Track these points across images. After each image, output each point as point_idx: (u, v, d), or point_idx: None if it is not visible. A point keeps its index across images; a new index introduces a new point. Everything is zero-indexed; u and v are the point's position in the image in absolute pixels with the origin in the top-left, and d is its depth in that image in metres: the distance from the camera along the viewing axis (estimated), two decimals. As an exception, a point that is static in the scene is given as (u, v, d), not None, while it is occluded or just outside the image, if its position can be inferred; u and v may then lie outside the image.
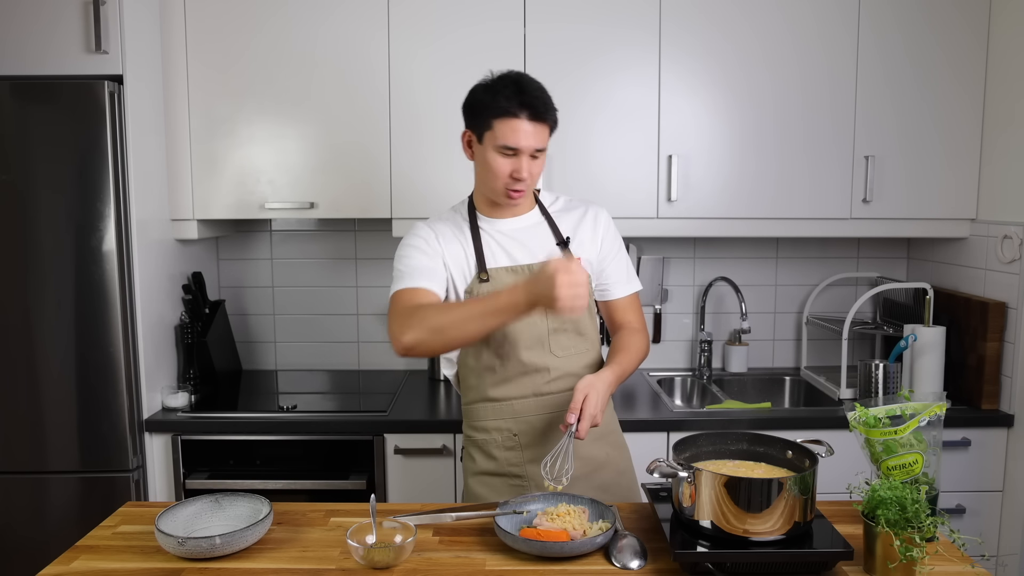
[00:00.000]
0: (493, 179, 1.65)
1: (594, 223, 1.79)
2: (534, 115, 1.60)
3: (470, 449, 1.79)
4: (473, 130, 1.67)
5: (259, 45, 2.40)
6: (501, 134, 1.60)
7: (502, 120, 1.60)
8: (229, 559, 1.38)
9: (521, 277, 1.67)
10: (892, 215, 2.49)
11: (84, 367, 2.18)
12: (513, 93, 1.60)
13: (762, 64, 2.43)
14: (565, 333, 1.72)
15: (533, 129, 1.61)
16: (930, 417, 1.48)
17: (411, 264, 1.66)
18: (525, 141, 1.60)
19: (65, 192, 2.14)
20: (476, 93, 1.66)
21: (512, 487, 1.73)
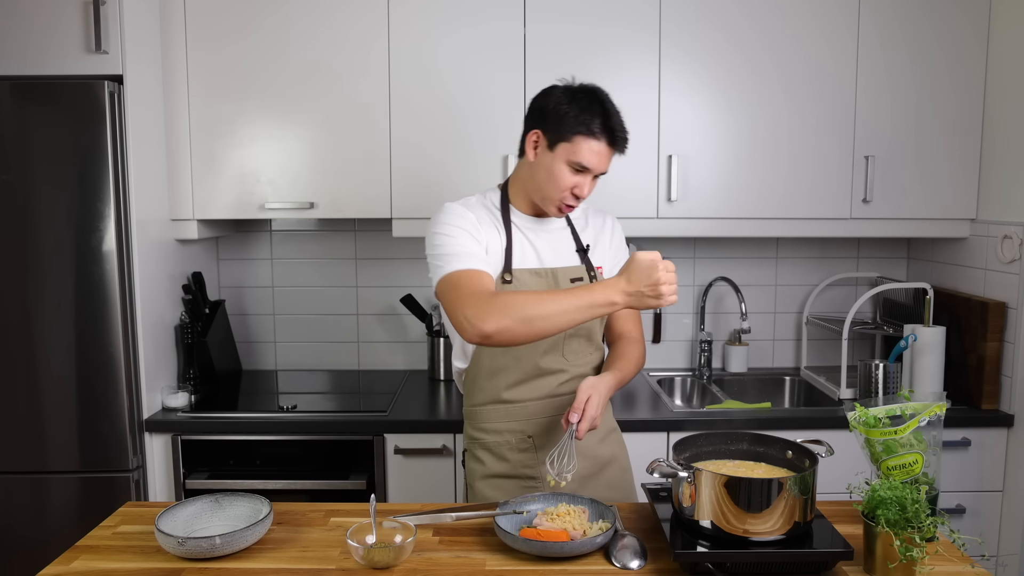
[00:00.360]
0: (552, 189, 1.63)
1: (611, 234, 1.83)
2: (614, 142, 1.61)
3: (476, 452, 1.77)
4: (546, 135, 1.62)
5: (259, 45, 2.40)
6: (579, 151, 1.59)
7: (585, 139, 1.59)
8: (229, 559, 1.38)
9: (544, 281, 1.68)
10: (892, 215, 2.49)
11: (84, 367, 2.18)
12: (600, 115, 1.59)
13: (762, 64, 2.43)
14: (578, 339, 1.73)
15: (607, 153, 1.62)
16: (930, 417, 1.48)
17: (463, 245, 1.59)
18: (599, 164, 1.61)
19: (65, 192, 2.14)
20: (559, 100, 1.61)
21: (525, 489, 1.72)
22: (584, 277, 1.72)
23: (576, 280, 1.71)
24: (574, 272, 1.72)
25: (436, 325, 2.75)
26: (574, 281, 1.71)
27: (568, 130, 1.59)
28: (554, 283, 1.69)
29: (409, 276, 2.85)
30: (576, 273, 1.72)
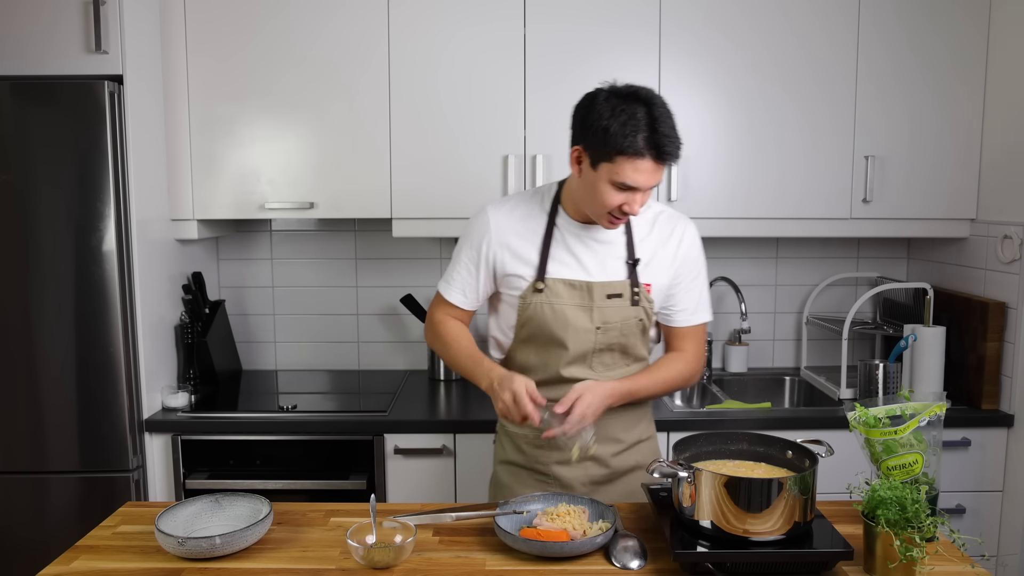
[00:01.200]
0: (598, 207, 1.55)
1: (676, 248, 1.69)
2: (660, 156, 1.48)
3: (502, 437, 1.82)
4: (588, 153, 1.52)
5: (259, 45, 2.40)
6: (622, 172, 1.48)
7: (628, 159, 1.47)
8: (229, 559, 1.38)
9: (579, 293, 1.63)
10: (892, 215, 2.49)
11: (84, 367, 2.18)
12: (645, 128, 1.46)
13: (762, 64, 2.43)
14: (611, 352, 1.69)
15: (656, 169, 1.50)
16: (930, 417, 1.48)
17: (457, 271, 1.73)
18: (646, 181, 1.50)
19: (65, 192, 2.14)
20: (600, 114, 1.48)
21: (538, 481, 1.74)
22: (624, 293, 1.64)
23: (614, 296, 1.63)
24: (614, 288, 1.64)
25: (436, 325, 2.75)
26: (611, 297, 1.63)
27: (610, 150, 1.47)
28: (589, 297, 1.63)
29: (409, 276, 2.85)
30: (616, 289, 1.64)
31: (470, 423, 2.27)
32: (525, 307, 1.66)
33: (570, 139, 1.59)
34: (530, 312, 1.66)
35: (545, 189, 1.73)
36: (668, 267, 1.69)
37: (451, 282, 1.73)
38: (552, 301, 1.64)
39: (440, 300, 1.75)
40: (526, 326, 1.68)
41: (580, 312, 1.64)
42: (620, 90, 1.51)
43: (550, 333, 1.65)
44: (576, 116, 1.57)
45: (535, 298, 1.65)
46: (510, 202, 1.72)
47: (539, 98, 2.42)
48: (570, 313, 1.64)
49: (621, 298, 1.65)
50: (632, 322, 1.66)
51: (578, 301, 1.64)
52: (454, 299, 1.73)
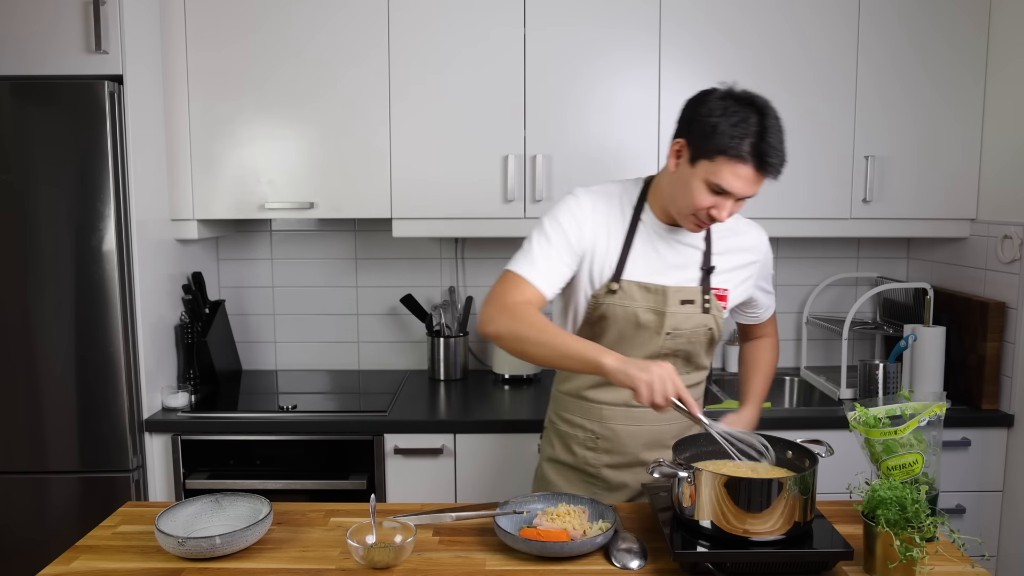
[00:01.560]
0: (686, 206, 1.51)
1: (754, 256, 1.71)
2: (762, 166, 1.44)
3: (551, 435, 1.79)
4: (690, 147, 1.49)
5: (259, 45, 2.40)
6: (720, 173, 1.45)
7: (729, 160, 1.43)
8: (229, 559, 1.38)
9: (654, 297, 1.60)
10: (892, 215, 2.49)
11: (84, 367, 2.18)
12: (754, 134, 1.42)
13: (762, 64, 2.43)
14: (675, 359, 1.67)
15: (755, 178, 1.46)
16: (930, 417, 1.48)
17: (546, 254, 1.58)
18: (743, 189, 1.46)
19: (65, 192, 2.14)
20: (711, 109, 1.45)
21: (586, 483, 1.73)
22: (696, 300, 1.62)
23: (687, 302, 1.61)
24: (687, 293, 1.62)
25: (436, 325, 2.75)
26: (684, 303, 1.61)
27: (712, 148, 1.44)
28: (663, 301, 1.60)
29: (409, 276, 2.85)
30: (689, 295, 1.62)
31: (470, 423, 2.27)
32: (597, 305, 1.62)
33: (673, 132, 1.55)
34: (601, 311, 1.62)
35: (630, 184, 1.67)
36: (740, 277, 1.70)
37: (535, 265, 1.57)
38: (626, 303, 1.61)
39: (517, 284, 1.56)
40: (596, 324, 1.65)
41: (652, 316, 1.61)
42: (736, 93, 1.48)
43: (619, 332, 1.63)
44: (685, 110, 1.53)
45: (608, 299, 1.61)
46: (599, 193, 1.64)
47: (539, 98, 2.42)
48: (642, 316, 1.61)
49: (693, 304, 1.62)
50: (701, 330, 1.64)
51: (651, 304, 1.61)
52: (539, 284, 1.56)
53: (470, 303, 2.82)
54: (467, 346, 2.79)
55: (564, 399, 1.76)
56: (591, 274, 1.63)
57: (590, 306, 1.64)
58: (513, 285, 1.56)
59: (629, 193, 1.65)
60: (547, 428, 1.83)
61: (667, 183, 1.58)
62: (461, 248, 2.86)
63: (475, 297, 2.86)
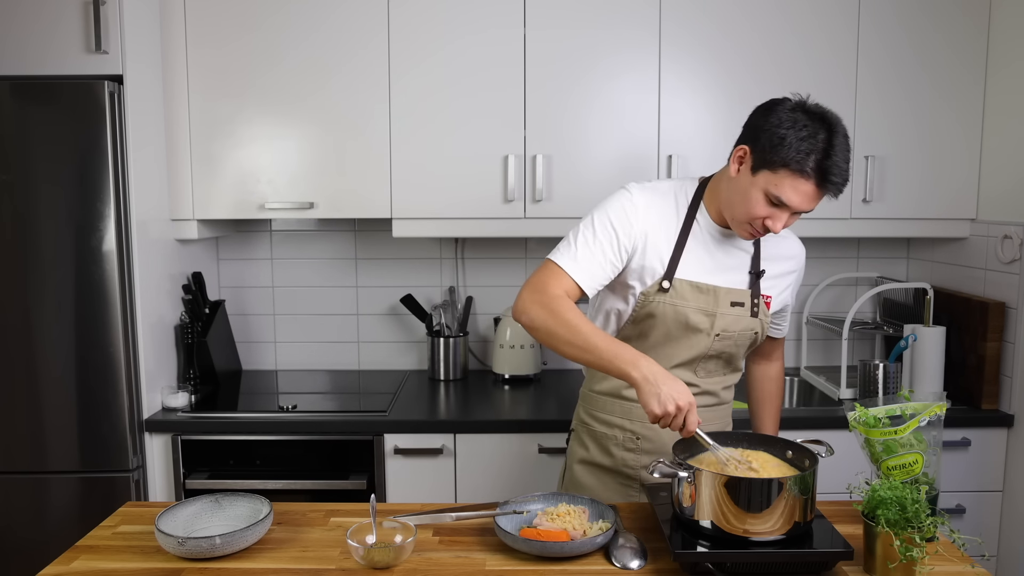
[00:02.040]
0: (742, 213, 1.51)
1: (793, 266, 1.73)
2: (824, 184, 1.44)
3: (583, 436, 1.75)
4: (753, 155, 1.49)
5: (259, 45, 2.40)
6: (781, 186, 1.45)
7: (792, 174, 1.43)
8: (229, 559, 1.38)
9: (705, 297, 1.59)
10: (892, 215, 2.49)
11: (84, 367, 2.18)
12: (820, 151, 1.42)
13: (762, 64, 2.43)
14: (717, 360, 1.67)
15: (815, 194, 1.46)
16: (930, 417, 1.48)
17: (590, 250, 1.55)
18: (801, 204, 1.46)
19: (65, 192, 2.14)
20: (780, 119, 1.45)
21: (621, 485, 1.71)
22: (746, 303, 1.62)
23: (737, 304, 1.61)
24: (738, 296, 1.62)
25: (436, 325, 2.75)
26: (734, 305, 1.61)
27: (777, 160, 1.43)
28: (714, 302, 1.60)
29: (409, 276, 2.85)
30: (739, 297, 1.62)
31: (470, 423, 2.27)
32: (646, 303, 1.60)
33: (738, 137, 1.55)
34: (650, 309, 1.60)
35: (686, 184, 1.66)
36: (783, 285, 1.72)
37: (578, 259, 1.55)
38: (676, 302, 1.59)
39: (558, 276, 1.54)
40: (642, 323, 1.63)
41: (702, 317, 1.60)
42: (808, 106, 1.48)
43: (666, 331, 1.61)
44: (753, 116, 1.53)
45: (658, 297, 1.59)
46: (652, 190, 1.63)
47: (539, 98, 2.42)
48: (692, 317, 1.60)
49: (743, 307, 1.62)
50: (747, 333, 1.65)
51: (702, 305, 1.60)
52: (581, 279, 1.55)
53: (470, 303, 2.82)
54: (467, 346, 2.79)
55: (599, 399, 1.73)
56: (641, 271, 1.60)
57: (638, 303, 1.62)
58: (552, 276, 1.54)
59: (685, 192, 1.64)
60: (577, 429, 1.79)
61: (725, 187, 1.56)
62: (461, 248, 2.86)
63: (475, 297, 2.86)
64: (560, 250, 1.57)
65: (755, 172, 1.48)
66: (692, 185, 1.65)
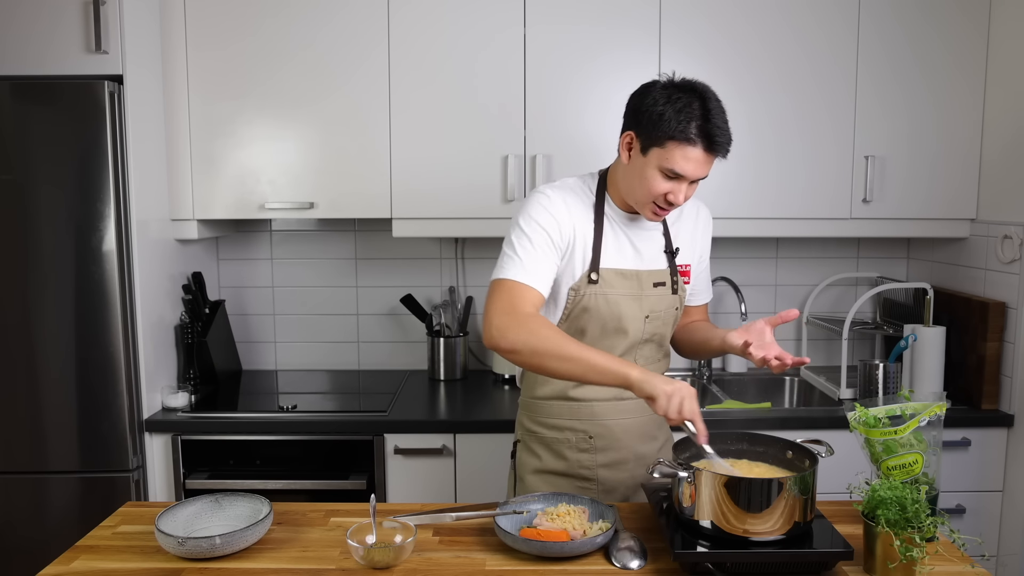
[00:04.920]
0: (644, 194, 1.55)
1: (704, 230, 1.77)
2: (711, 146, 1.49)
3: (533, 445, 1.74)
4: (640, 138, 1.53)
5: (259, 45, 2.40)
6: (671, 158, 1.49)
7: (678, 144, 1.48)
8: (229, 559, 1.38)
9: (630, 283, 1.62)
10: (892, 215, 2.49)
11: (84, 367, 2.18)
12: (699, 117, 1.47)
13: (762, 64, 2.43)
14: (651, 344, 1.70)
15: (705, 159, 1.50)
16: (930, 417, 1.48)
17: (533, 256, 1.56)
18: (695, 171, 1.50)
19: (65, 192, 2.14)
20: (655, 99, 1.51)
21: (580, 488, 1.70)
22: (667, 282, 1.67)
23: (659, 284, 1.66)
24: (659, 276, 1.66)
25: (436, 325, 2.75)
26: (656, 285, 1.66)
27: (662, 135, 1.48)
28: (638, 285, 1.64)
29: (409, 276, 2.85)
30: (660, 277, 1.67)
31: (470, 423, 2.27)
32: (578, 299, 1.62)
33: (621, 126, 1.60)
34: (584, 303, 1.62)
35: (587, 177, 1.69)
36: (696, 249, 1.75)
37: (527, 268, 1.55)
38: (607, 292, 1.62)
39: (519, 291, 1.54)
40: (577, 319, 1.64)
41: (631, 302, 1.64)
42: (676, 81, 1.54)
43: (602, 325, 1.63)
44: (629, 103, 1.58)
45: (589, 289, 1.61)
46: (562, 187, 1.65)
47: (539, 98, 2.42)
48: (623, 303, 1.63)
49: (664, 286, 1.67)
50: (671, 311, 1.70)
51: (629, 290, 1.64)
52: (539, 285, 1.55)
53: (470, 303, 2.82)
54: (467, 346, 2.79)
55: (544, 404, 1.72)
56: (572, 267, 1.62)
57: (570, 299, 1.64)
58: (514, 294, 1.54)
59: (588, 185, 1.68)
60: (523, 440, 1.77)
61: (622, 175, 1.61)
62: (461, 248, 2.86)
63: (475, 297, 2.86)
64: (505, 266, 1.57)
65: (645, 152, 1.53)
66: (593, 179, 1.69)
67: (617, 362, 1.45)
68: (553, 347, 1.45)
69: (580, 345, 1.47)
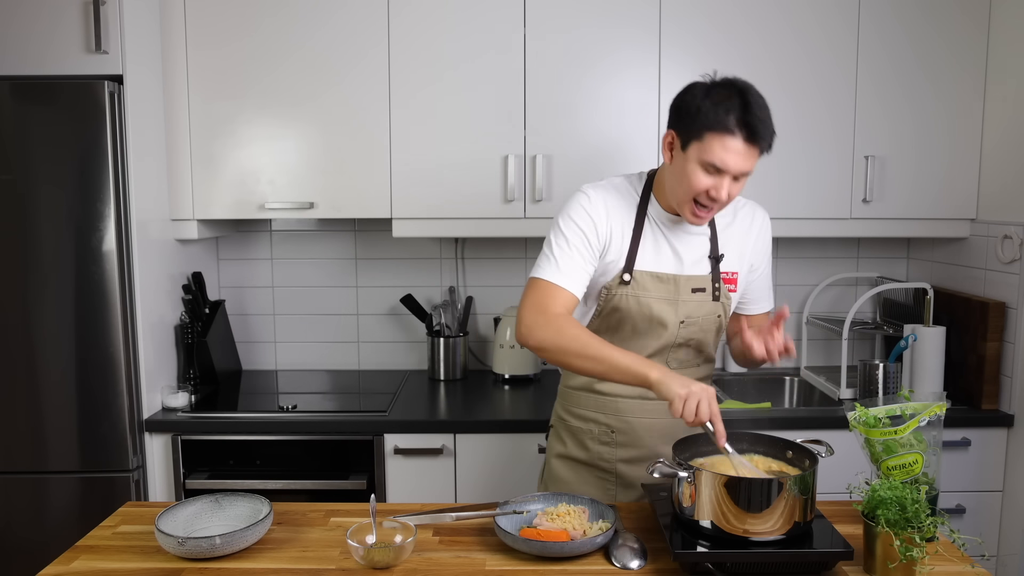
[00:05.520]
0: (685, 191, 1.53)
1: (756, 237, 1.72)
2: (752, 137, 1.47)
3: (561, 431, 1.78)
4: (680, 135, 1.53)
5: (259, 45, 2.40)
6: (710, 150, 1.47)
7: (716, 135, 1.47)
8: (229, 559, 1.38)
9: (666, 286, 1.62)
10: (892, 215, 2.49)
11: (84, 367, 2.18)
12: (737, 108, 1.46)
13: (762, 64, 2.43)
14: (687, 348, 1.69)
15: (746, 151, 1.48)
16: (930, 417, 1.48)
17: (568, 257, 1.58)
18: (735, 163, 1.48)
19: (65, 192, 2.14)
20: (694, 95, 1.51)
21: (599, 479, 1.73)
22: (707, 288, 1.65)
23: (698, 290, 1.64)
24: (699, 282, 1.64)
25: (436, 325, 2.75)
26: (695, 291, 1.64)
27: (700, 127, 1.48)
28: (675, 290, 1.62)
29: (409, 276, 2.85)
30: (700, 283, 1.65)
31: (470, 423, 2.27)
32: (610, 298, 1.63)
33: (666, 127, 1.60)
34: (615, 303, 1.63)
35: (634, 178, 1.70)
36: (749, 257, 1.71)
37: (562, 269, 1.57)
38: (639, 294, 1.62)
39: (551, 291, 1.56)
40: (609, 317, 1.66)
41: (665, 305, 1.63)
42: (717, 79, 1.54)
43: (633, 326, 1.64)
44: (672, 105, 1.58)
45: (621, 290, 1.62)
46: (606, 187, 1.66)
47: (539, 98, 2.42)
48: (655, 306, 1.62)
49: (704, 292, 1.65)
50: (712, 318, 1.67)
51: (664, 294, 1.63)
52: (572, 287, 1.58)
53: (470, 303, 2.82)
54: (467, 346, 2.79)
55: (574, 394, 1.75)
56: (606, 267, 1.63)
57: (602, 298, 1.64)
58: (547, 294, 1.57)
59: (635, 186, 1.68)
60: (555, 425, 1.82)
61: (667, 176, 1.60)
62: (461, 248, 2.86)
63: (475, 297, 2.86)
64: (541, 266, 1.60)
65: (685, 149, 1.52)
66: (642, 179, 1.69)
67: (639, 363, 1.46)
68: (578, 346, 1.50)
69: (605, 345, 1.50)
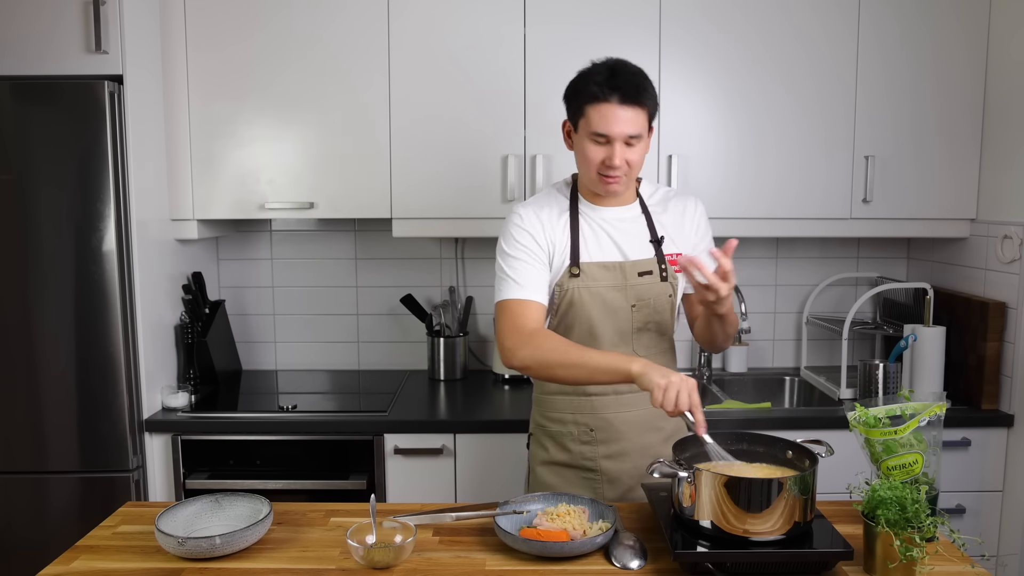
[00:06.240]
0: (586, 168, 1.62)
1: (693, 219, 1.76)
2: (625, 98, 1.54)
3: (541, 438, 1.81)
4: (571, 119, 1.65)
5: (259, 45, 2.40)
6: (592, 121, 1.56)
7: (593, 106, 1.56)
8: (229, 559, 1.38)
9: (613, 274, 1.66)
10: (892, 215, 2.49)
11: (84, 367, 2.18)
12: (604, 77, 1.55)
13: (762, 64, 2.43)
14: (648, 332, 1.73)
15: (626, 114, 1.54)
16: (930, 417, 1.48)
17: (523, 271, 1.64)
18: (617, 127, 1.55)
19: (65, 192, 2.14)
20: (573, 81, 1.63)
21: (584, 479, 1.75)
22: (654, 270, 1.70)
23: (645, 273, 1.69)
24: (644, 265, 1.69)
25: (436, 325, 2.75)
26: (642, 275, 1.68)
27: (581, 104, 1.58)
28: (622, 277, 1.67)
29: (409, 276, 2.85)
30: (646, 266, 1.69)
31: (470, 423, 2.27)
32: (563, 294, 1.68)
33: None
34: (569, 297, 1.67)
35: (561, 184, 1.77)
36: (689, 235, 1.76)
37: (521, 282, 1.64)
38: (589, 284, 1.67)
39: (520, 309, 1.62)
40: (566, 314, 1.69)
41: (615, 292, 1.67)
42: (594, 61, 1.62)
43: (588, 316, 1.68)
44: (563, 100, 1.68)
45: (572, 283, 1.66)
46: (533, 202, 1.74)
47: (539, 98, 2.42)
48: (607, 294, 1.67)
49: (651, 275, 1.69)
50: (663, 299, 1.71)
51: (612, 282, 1.67)
52: (536, 296, 1.63)
53: (470, 303, 2.82)
54: (467, 346, 2.79)
55: (550, 400, 1.78)
56: (556, 272, 1.69)
57: (556, 296, 1.68)
58: (516, 312, 1.62)
59: (562, 192, 1.75)
60: (534, 434, 1.85)
61: (577, 164, 1.68)
62: (461, 248, 2.86)
63: (475, 297, 2.86)
64: (501, 289, 1.66)
65: (577, 130, 1.63)
66: (567, 183, 1.76)
67: (619, 359, 1.50)
68: (558, 357, 1.54)
69: (583, 349, 1.55)
